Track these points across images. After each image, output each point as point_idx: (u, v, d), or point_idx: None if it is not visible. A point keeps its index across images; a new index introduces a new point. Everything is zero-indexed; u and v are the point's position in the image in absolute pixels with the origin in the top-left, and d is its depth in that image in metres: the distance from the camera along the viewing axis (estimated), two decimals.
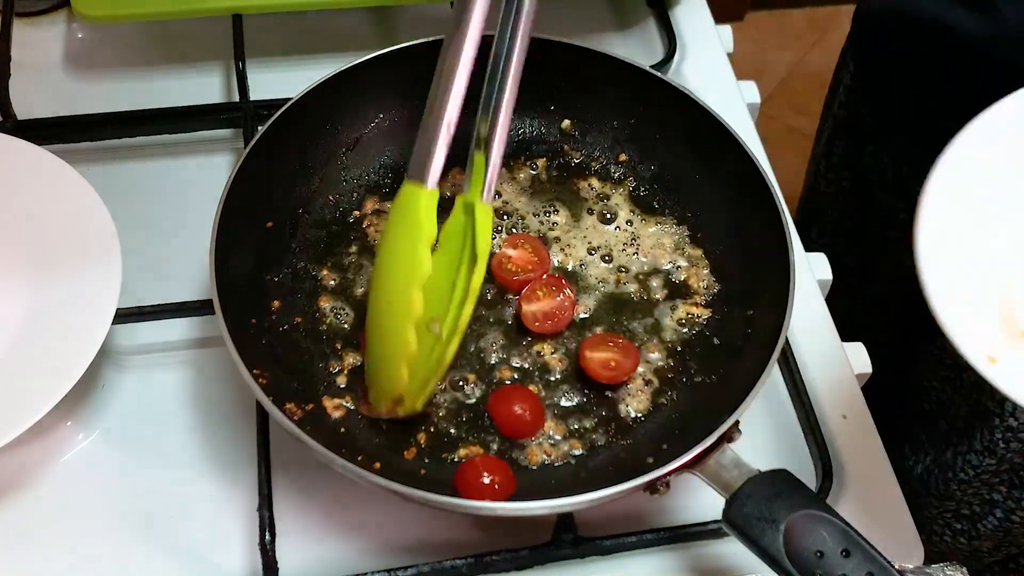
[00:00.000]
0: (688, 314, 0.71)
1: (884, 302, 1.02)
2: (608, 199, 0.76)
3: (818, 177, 1.05)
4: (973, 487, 0.91)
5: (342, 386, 0.67)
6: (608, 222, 0.75)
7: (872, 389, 0.75)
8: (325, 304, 0.70)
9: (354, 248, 0.73)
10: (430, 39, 0.74)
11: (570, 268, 0.73)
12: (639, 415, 0.67)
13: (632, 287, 0.72)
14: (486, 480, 0.61)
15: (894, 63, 0.88)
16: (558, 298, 0.69)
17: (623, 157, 0.78)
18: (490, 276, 0.70)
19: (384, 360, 0.60)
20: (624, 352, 0.67)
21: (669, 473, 0.57)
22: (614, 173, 0.78)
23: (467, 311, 0.59)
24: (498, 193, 0.76)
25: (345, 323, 0.69)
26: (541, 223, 0.75)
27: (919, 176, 0.57)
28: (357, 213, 0.75)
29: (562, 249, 0.74)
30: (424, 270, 0.58)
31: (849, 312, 0.79)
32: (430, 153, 0.59)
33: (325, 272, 0.72)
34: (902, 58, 0.86)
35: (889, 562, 0.53)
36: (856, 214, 1.01)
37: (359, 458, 0.61)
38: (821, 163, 1.04)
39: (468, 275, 0.59)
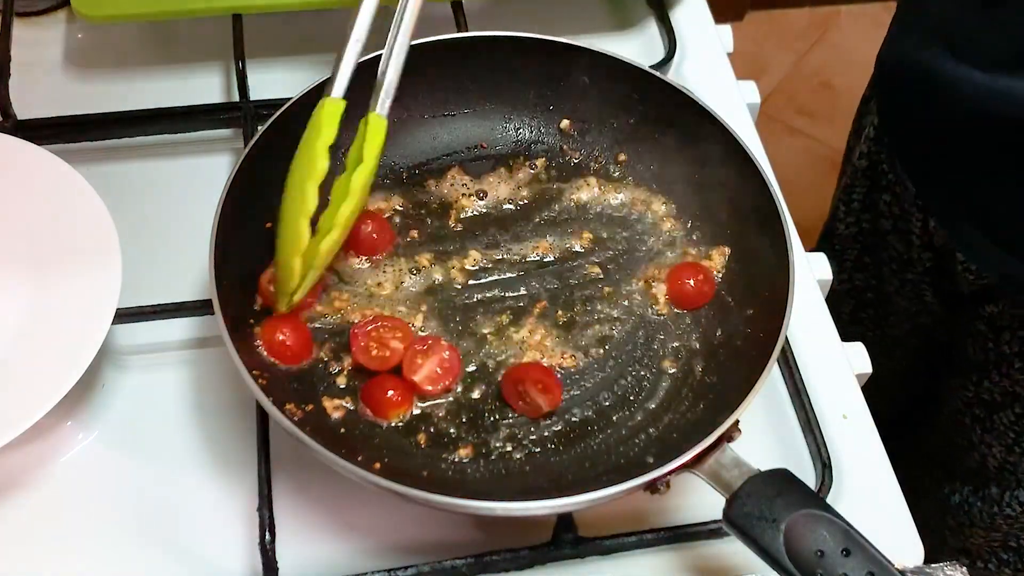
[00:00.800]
0: (690, 315, 0.71)
1: (905, 338, 1.01)
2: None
3: (836, 221, 1.04)
4: (1020, 522, 0.91)
5: (342, 386, 0.67)
6: None
7: (897, 422, 0.74)
8: (325, 304, 0.70)
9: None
10: (431, 39, 0.74)
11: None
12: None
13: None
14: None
15: (914, 115, 0.87)
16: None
17: (622, 157, 0.78)
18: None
19: (282, 255, 0.64)
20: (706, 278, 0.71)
21: (669, 473, 0.57)
22: (613, 173, 0.78)
23: (347, 206, 0.64)
24: (484, 193, 0.76)
25: (345, 323, 0.69)
26: (541, 220, 0.75)
27: (944, 225, 0.56)
28: None
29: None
30: (320, 167, 0.63)
31: (872, 344, 0.78)
32: (337, 68, 0.66)
33: (324, 272, 0.71)
34: (921, 111, 0.85)
35: (890, 561, 0.53)
36: (875, 254, 1.00)
37: (359, 458, 0.61)
38: (840, 207, 1.03)
39: (353, 174, 0.64)
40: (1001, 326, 0.84)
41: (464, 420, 0.66)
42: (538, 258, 0.74)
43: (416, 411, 0.66)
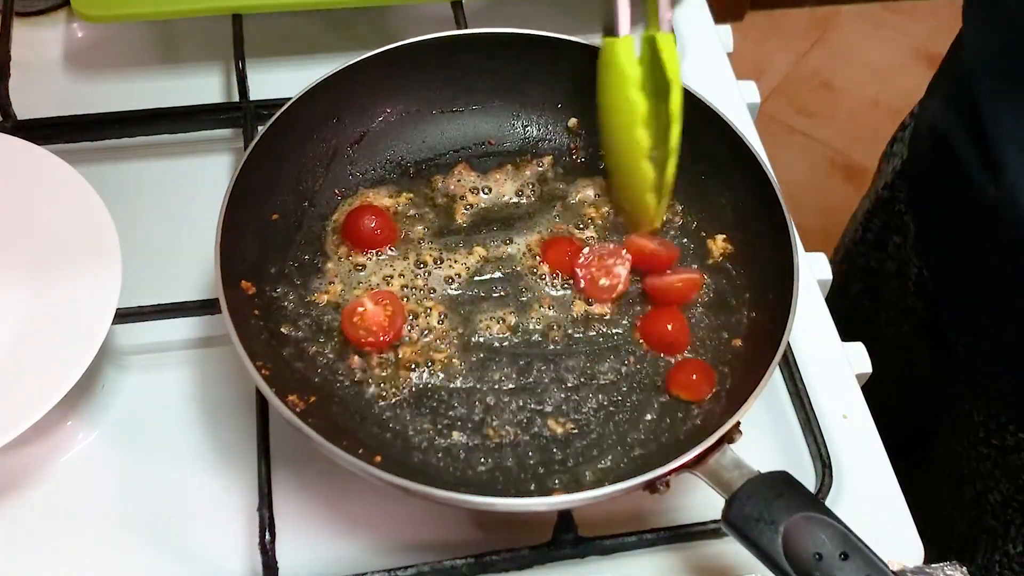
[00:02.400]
0: (691, 315, 0.71)
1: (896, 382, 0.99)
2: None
3: (852, 244, 1.03)
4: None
5: (344, 376, 0.67)
6: None
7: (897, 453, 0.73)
8: (330, 295, 0.70)
9: None
10: (441, 35, 0.74)
11: None
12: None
13: (633, 287, 0.72)
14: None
15: (938, 203, 0.85)
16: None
17: None
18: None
19: (632, 193, 0.67)
20: (663, 243, 0.72)
21: (669, 472, 0.57)
22: None
23: (675, 131, 0.65)
24: (490, 189, 0.76)
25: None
26: (546, 218, 0.75)
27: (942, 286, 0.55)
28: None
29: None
30: (641, 109, 0.64)
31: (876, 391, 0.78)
32: (616, 7, 0.65)
33: (331, 266, 0.72)
34: (945, 205, 0.84)
35: (887, 566, 0.53)
36: (875, 297, 0.99)
37: (360, 451, 0.61)
38: (858, 231, 1.02)
39: (667, 100, 0.64)
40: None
41: (466, 413, 0.66)
42: (542, 254, 0.74)
43: (417, 401, 0.66)
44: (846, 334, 0.77)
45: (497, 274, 0.73)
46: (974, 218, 0.78)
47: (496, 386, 0.67)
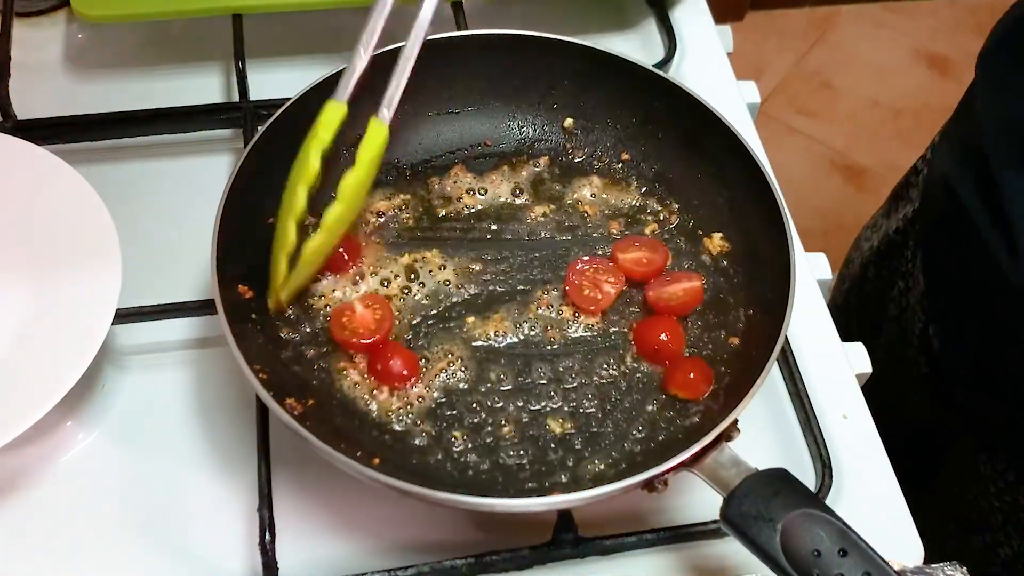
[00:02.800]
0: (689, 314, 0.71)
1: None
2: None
3: (858, 267, 1.02)
4: None
5: (343, 379, 0.67)
6: None
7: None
8: (327, 297, 0.70)
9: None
10: (438, 36, 0.74)
11: None
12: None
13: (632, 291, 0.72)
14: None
15: (947, 242, 0.84)
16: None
17: (626, 156, 0.78)
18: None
19: (273, 252, 0.65)
20: (653, 248, 0.72)
21: (667, 471, 0.57)
22: (617, 172, 0.78)
23: (334, 210, 0.64)
24: (486, 190, 0.76)
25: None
26: (543, 218, 0.75)
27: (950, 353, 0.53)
28: None
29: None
30: (311, 170, 0.64)
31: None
32: (344, 74, 0.66)
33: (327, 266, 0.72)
34: (954, 246, 0.82)
35: (886, 562, 0.53)
36: (876, 339, 0.97)
37: (358, 454, 0.61)
38: (869, 267, 1.01)
39: (342, 178, 0.64)
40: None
41: (465, 413, 0.66)
42: (541, 255, 0.74)
43: (416, 404, 0.66)
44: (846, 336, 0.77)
45: (494, 275, 0.72)
46: (985, 280, 0.77)
47: (494, 387, 0.67)
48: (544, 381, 0.68)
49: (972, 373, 0.82)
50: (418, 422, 0.65)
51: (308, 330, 0.68)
